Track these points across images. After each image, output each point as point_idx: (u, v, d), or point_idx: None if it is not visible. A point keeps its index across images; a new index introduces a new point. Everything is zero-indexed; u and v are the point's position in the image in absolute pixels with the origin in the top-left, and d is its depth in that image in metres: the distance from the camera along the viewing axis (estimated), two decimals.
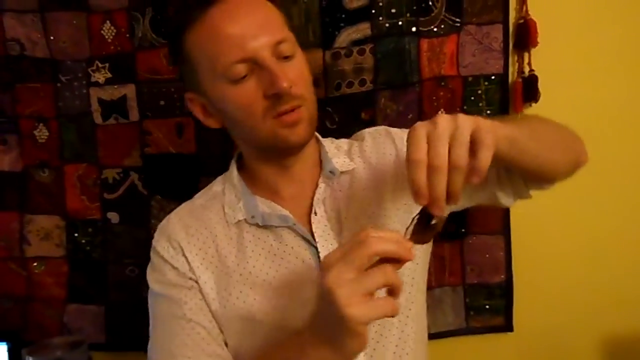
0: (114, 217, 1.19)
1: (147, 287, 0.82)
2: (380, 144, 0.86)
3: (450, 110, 1.13)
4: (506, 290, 1.17)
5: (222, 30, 0.70)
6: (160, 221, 0.84)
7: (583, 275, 1.18)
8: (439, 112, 1.13)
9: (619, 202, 1.16)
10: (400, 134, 0.87)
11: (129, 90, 1.15)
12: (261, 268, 0.77)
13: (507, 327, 1.18)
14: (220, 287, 0.77)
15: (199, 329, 0.75)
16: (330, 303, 0.52)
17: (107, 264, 1.20)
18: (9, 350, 1.10)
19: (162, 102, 1.15)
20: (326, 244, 0.77)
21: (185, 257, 0.77)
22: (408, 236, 0.57)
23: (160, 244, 0.80)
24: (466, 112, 1.11)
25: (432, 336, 1.08)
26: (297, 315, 0.68)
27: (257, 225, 0.78)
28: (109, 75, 1.15)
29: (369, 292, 0.52)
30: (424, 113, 1.13)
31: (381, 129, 0.91)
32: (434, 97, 1.12)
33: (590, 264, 1.17)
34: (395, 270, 0.54)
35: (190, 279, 0.77)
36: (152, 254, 0.81)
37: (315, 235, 0.77)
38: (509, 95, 1.12)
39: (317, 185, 0.81)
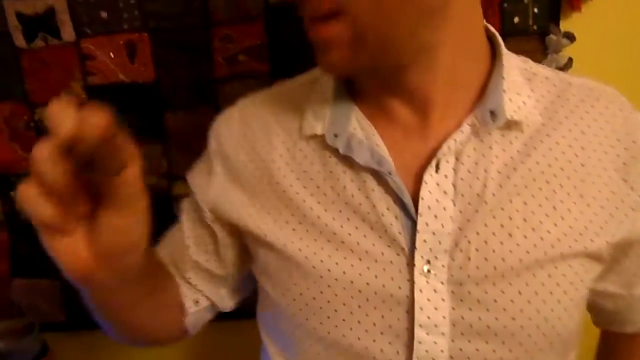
0: None
1: None
2: (596, 120, 0.51)
3: (486, 10, 0.86)
4: None
5: None
6: None
7: None
8: None
9: None
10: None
11: None
12: (323, 216, 0.51)
13: None
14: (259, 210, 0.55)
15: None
16: None
17: None
18: None
19: (103, 14, 0.86)
20: (433, 223, 0.47)
21: (224, 167, 0.58)
22: None
23: (211, 134, 0.61)
24: (506, 9, 0.90)
25: None
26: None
27: (335, 151, 0.50)
28: None
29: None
30: None
31: (613, 96, 0.53)
32: None
33: None
34: None
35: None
36: None
37: (420, 202, 0.48)
38: None
39: (458, 125, 0.49)
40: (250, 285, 0.62)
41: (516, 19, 0.87)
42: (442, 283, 0.47)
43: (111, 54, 0.88)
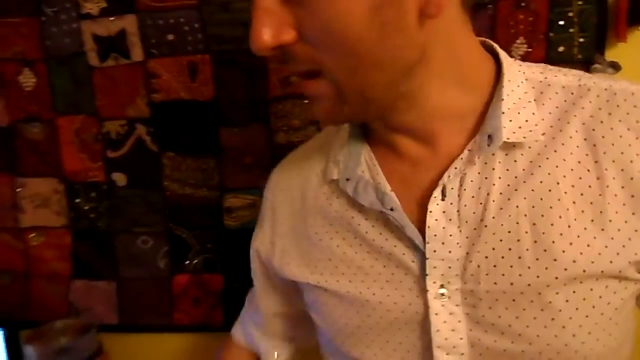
0: (120, 178, 1.00)
1: (162, 259, 0.66)
2: (613, 129, 0.46)
3: (531, 39, 0.89)
4: None
5: None
6: (173, 182, 0.66)
7: None
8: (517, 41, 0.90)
9: None
10: None
11: (129, 22, 0.94)
12: (348, 252, 0.55)
13: None
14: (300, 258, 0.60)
15: None
16: None
17: (115, 234, 1.02)
18: (6, 338, 0.94)
19: (170, 37, 0.93)
20: (441, 250, 0.48)
21: (272, 221, 0.63)
22: None
23: (267, 184, 0.66)
24: (552, 38, 0.92)
25: None
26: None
27: (348, 195, 0.53)
28: (104, 4, 0.94)
29: None
30: (497, 42, 0.88)
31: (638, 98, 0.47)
32: (512, 22, 0.88)
33: None
34: None
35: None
36: None
37: (427, 230, 0.49)
38: (608, 17, 0.87)
39: (461, 151, 0.49)
40: None
41: (561, 48, 0.89)
42: (457, 305, 0.48)
43: (174, 73, 0.95)
